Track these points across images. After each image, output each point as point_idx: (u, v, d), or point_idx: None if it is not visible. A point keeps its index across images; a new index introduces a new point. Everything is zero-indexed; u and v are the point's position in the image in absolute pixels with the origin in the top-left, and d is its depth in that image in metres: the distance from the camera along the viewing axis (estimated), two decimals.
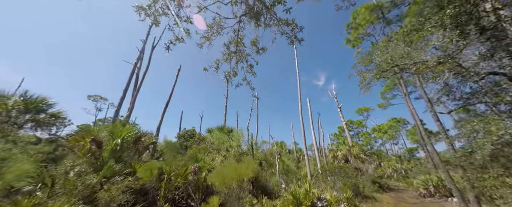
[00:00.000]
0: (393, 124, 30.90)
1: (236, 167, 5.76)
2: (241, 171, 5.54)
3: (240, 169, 5.60)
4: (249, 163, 6.05)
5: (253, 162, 6.13)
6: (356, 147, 17.22)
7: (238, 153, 7.71)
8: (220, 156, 7.50)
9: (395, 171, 22.19)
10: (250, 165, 5.89)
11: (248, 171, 5.73)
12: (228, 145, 7.86)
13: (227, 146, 7.82)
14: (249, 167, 5.94)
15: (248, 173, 5.61)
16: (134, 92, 12.38)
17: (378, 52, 6.07)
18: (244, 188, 5.51)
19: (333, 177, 10.35)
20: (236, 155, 7.52)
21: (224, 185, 5.35)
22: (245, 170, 5.72)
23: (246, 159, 6.29)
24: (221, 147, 7.86)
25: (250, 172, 5.65)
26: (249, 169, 5.89)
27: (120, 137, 6.93)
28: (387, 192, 14.48)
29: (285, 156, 14.98)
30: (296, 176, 10.29)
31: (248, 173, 5.62)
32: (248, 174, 5.56)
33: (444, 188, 10.50)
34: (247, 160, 6.16)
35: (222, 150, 7.67)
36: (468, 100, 5.19)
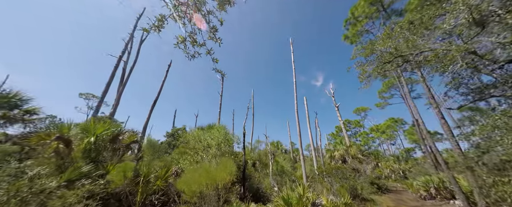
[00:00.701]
0: (391, 124, 30.59)
1: (208, 171, 4.86)
2: (214, 175, 4.72)
3: (213, 173, 4.79)
4: (226, 166, 5.14)
5: (231, 164, 5.23)
6: (353, 147, 16.71)
7: (219, 153, 6.96)
8: (198, 157, 6.77)
9: (393, 171, 21.77)
10: (227, 168, 5.05)
11: (224, 175, 4.82)
12: (205, 144, 7.13)
13: (205, 145, 7.10)
14: (226, 170, 4.96)
15: (224, 178, 4.83)
16: (120, 87, 11.60)
17: (380, 41, 5.45)
18: (220, 195, 4.75)
19: (330, 178, 9.76)
20: (216, 155, 6.80)
21: (193, 192, 4.60)
22: (220, 174, 4.77)
23: (223, 161, 5.43)
24: (197, 146, 7.12)
25: (226, 176, 4.87)
26: (226, 172, 4.92)
27: (93, 135, 6.20)
28: (385, 193, 13.98)
29: (280, 156, 14.36)
30: (291, 178, 9.67)
31: (224, 177, 4.84)
32: (224, 178, 4.80)
33: (445, 190, 10.01)
34: (223, 161, 5.31)
35: (199, 150, 6.95)
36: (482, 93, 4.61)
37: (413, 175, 13.37)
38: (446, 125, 6.67)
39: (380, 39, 5.41)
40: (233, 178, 5.18)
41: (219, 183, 4.71)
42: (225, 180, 4.65)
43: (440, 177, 10.46)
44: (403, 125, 31.70)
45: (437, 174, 11.08)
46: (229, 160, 5.55)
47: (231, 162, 5.34)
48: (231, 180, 5.13)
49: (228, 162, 5.10)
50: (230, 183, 5.03)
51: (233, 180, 8.88)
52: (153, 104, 12.12)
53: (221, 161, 5.59)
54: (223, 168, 4.76)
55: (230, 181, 5.17)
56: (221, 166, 4.96)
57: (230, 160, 5.55)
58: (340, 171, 10.23)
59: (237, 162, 8.92)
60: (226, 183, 4.71)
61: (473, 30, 3.88)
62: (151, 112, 11.91)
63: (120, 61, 10.97)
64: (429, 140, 8.41)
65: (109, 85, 9.85)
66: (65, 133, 6.30)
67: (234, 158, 8.92)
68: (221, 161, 5.54)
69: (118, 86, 11.70)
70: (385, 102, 27.26)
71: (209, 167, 4.78)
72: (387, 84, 26.40)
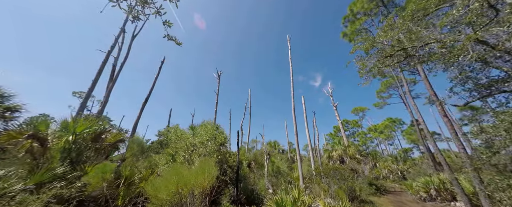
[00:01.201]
0: (389, 124, 30.43)
1: (180, 174, 4.07)
2: (188, 179, 3.98)
3: (187, 177, 3.98)
4: (204, 168, 4.35)
5: (212, 165, 4.69)
6: (352, 147, 16.39)
7: (206, 153, 6.44)
8: (180, 157, 6.28)
9: (391, 172, 21.52)
10: (206, 171, 4.29)
11: (201, 179, 4.06)
12: (188, 143, 6.63)
13: (188, 144, 6.61)
14: (204, 174, 4.19)
15: (202, 182, 4.09)
16: (109, 83, 11.09)
17: (381, 33, 5.08)
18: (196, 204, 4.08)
19: (328, 179, 9.39)
20: (201, 155, 6.32)
21: (161, 201, 3.92)
22: (197, 178, 3.99)
23: (202, 162, 4.87)
24: (179, 145, 6.62)
25: (205, 181, 4.15)
26: (204, 176, 4.16)
27: (72, 133, 5.73)
28: (384, 194, 13.67)
29: (277, 156, 13.97)
30: (287, 179, 9.28)
31: (202, 182, 4.09)
32: (202, 183, 4.08)
33: (446, 191, 9.71)
34: (202, 163, 4.63)
35: (180, 149, 6.45)
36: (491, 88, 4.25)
37: (412, 175, 13.08)
38: (449, 123, 6.34)
39: (381, 31, 5.04)
40: (214, 183, 4.57)
41: (194, 189, 4.06)
42: (203, 185, 4.09)
43: (440, 178, 10.17)
44: (401, 125, 31.58)
45: (437, 174, 10.80)
46: (210, 160, 5.05)
47: (213, 163, 4.84)
48: (212, 184, 4.60)
49: (207, 164, 4.56)
50: (210, 189, 4.49)
51: (226, 181, 8.47)
52: (144, 102, 11.63)
53: (200, 162, 5.05)
54: (200, 171, 4.19)
55: (212, 185, 4.66)
56: (199, 168, 4.40)
57: (212, 161, 5.06)
58: (338, 172, 9.87)
59: (230, 163, 8.50)
60: (204, 188, 4.11)
61: (486, 17, 3.52)
62: (142, 110, 11.42)
63: (109, 57, 10.46)
64: (430, 139, 8.09)
65: (95, 81, 9.34)
66: (42, 130, 5.82)
67: (227, 159, 8.49)
68: (200, 162, 5.01)
69: (107, 83, 11.18)
70: (384, 102, 27.07)
71: (181, 169, 4.18)
72: (386, 84, 26.21)
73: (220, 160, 8.26)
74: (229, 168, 8.31)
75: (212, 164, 4.60)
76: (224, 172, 8.15)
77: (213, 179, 4.41)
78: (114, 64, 11.78)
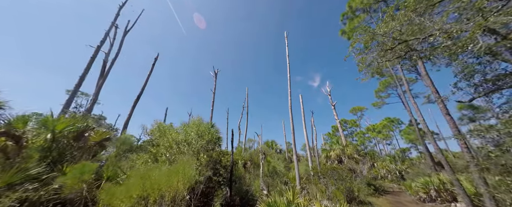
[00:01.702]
0: (387, 123, 30.30)
1: (146, 176, 3.45)
2: (157, 183, 3.34)
3: (156, 179, 3.35)
4: (178, 170, 3.70)
5: (188, 166, 4.14)
6: (350, 147, 16.14)
7: (191, 152, 6.05)
8: (162, 156, 5.89)
9: (389, 172, 21.30)
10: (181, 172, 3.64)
11: (173, 181, 3.42)
12: (171, 140, 6.24)
13: (170, 141, 6.21)
14: (178, 176, 3.54)
15: (175, 186, 3.43)
16: (100, 80, 10.67)
17: (382, 24, 4.76)
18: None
19: (326, 179, 9.08)
20: (185, 153, 5.93)
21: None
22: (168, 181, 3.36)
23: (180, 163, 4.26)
24: (161, 143, 6.22)
25: (180, 184, 3.49)
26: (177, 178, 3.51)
27: (51, 130, 5.34)
28: (383, 195, 13.43)
29: (274, 156, 13.65)
30: (283, 179, 8.96)
31: (175, 186, 3.44)
32: (175, 187, 3.40)
33: (446, 192, 9.47)
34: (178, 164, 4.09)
35: (162, 148, 6.05)
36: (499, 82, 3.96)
37: (411, 175, 12.84)
38: (452, 121, 6.06)
39: (382, 22, 4.73)
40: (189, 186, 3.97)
41: (166, 194, 3.43)
42: (177, 189, 3.56)
43: (440, 179, 9.93)
44: (399, 125, 31.47)
45: (437, 175, 10.56)
46: (190, 160, 4.66)
47: (190, 163, 4.41)
48: (191, 187, 4.16)
49: (184, 163, 4.08)
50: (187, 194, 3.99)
51: (220, 181, 8.11)
52: (136, 100, 11.24)
53: (180, 161, 4.60)
54: (173, 172, 3.70)
55: (190, 188, 4.23)
56: (172, 169, 3.92)
57: (192, 161, 4.68)
58: (336, 172, 9.57)
59: (224, 163, 8.15)
60: (179, 193, 3.57)
61: (497, 3, 3.21)
62: (133, 108, 11.02)
63: (99, 52, 10.05)
64: (431, 138, 7.82)
65: (83, 77, 8.93)
66: (18, 128, 5.42)
67: (220, 158, 8.14)
68: (180, 162, 4.55)
69: (97, 79, 10.77)
70: (382, 102, 26.90)
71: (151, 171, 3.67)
72: (384, 83, 26.04)
73: (213, 160, 7.91)
74: (223, 168, 7.96)
75: (188, 165, 4.15)
76: (217, 173, 7.80)
77: (191, 181, 3.96)
78: (105, 60, 11.37)
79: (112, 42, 11.96)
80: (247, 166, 11.23)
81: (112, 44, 11.94)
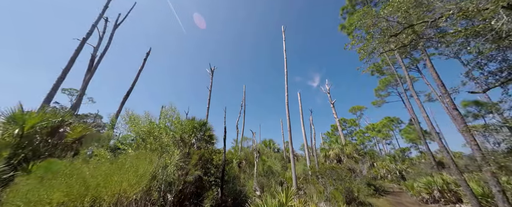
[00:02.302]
0: (387, 123, 29.92)
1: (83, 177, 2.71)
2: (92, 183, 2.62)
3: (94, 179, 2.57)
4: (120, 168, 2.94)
5: (144, 163, 3.42)
6: (349, 146, 15.68)
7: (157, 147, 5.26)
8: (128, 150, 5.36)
9: (389, 171, 20.88)
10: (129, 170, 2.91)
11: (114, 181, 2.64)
12: (140, 132, 5.64)
13: (140, 133, 5.64)
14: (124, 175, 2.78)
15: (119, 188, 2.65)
16: (87, 75, 10.13)
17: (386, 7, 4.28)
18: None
19: (324, 179, 8.61)
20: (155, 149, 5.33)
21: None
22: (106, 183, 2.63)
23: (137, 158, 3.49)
24: (127, 137, 5.70)
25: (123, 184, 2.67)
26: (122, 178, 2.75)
27: (20, 126, 4.83)
28: (383, 195, 12.98)
29: (271, 155, 13.17)
30: (278, 179, 8.48)
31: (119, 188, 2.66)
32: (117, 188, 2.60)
33: (450, 192, 9.03)
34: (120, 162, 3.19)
35: (125, 142, 5.55)
36: None
37: (413, 175, 12.40)
38: (459, 117, 5.60)
39: (386, 4, 4.25)
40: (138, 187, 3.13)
41: (105, 196, 2.68)
42: (123, 191, 2.78)
43: (444, 178, 9.50)
44: (399, 124, 31.10)
45: (440, 174, 10.13)
46: (148, 155, 4.05)
47: (146, 160, 3.75)
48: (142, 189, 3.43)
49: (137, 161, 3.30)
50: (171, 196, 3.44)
51: (211, 181, 7.61)
52: (126, 96, 10.71)
53: (132, 157, 3.94)
54: (116, 170, 2.96)
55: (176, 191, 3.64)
56: (115, 166, 3.18)
57: (151, 157, 4.09)
58: (335, 172, 9.10)
59: (216, 161, 7.65)
60: (127, 197, 2.70)
61: None
62: (122, 104, 10.50)
63: (84, 44, 9.51)
64: (435, 135, 7.37)
65: (66, 70, 8.38)
66: None
67: (212, 157, 7.64)
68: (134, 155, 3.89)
69: (85, 74, 10.22)
70: (382, 100, 26.50)
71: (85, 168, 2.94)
72: (384, 81, 25.63)
73: (205, 159, 7.41)
74: (214, 167, 7.47)
75: (144, 162, 3.49)
76: (208, 172, 7.30)
77: (143, 182, 3.30)
78: (93, 55, 10.83)
79: (102, 36, 11.43)
80: (242, 165, 10.74)
81: (101, 37, 11.40)
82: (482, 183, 7.75)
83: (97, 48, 11.07)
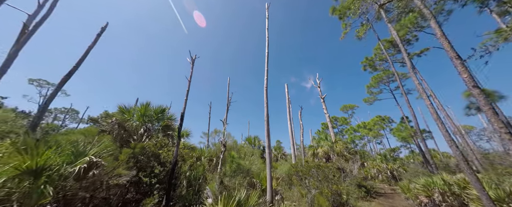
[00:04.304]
0: (378, 121, 29.15)
1: None
2: None
3: None
4: None
5: None
6: (339, 143, 14.29)
7: None
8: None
9: (380, 171, 19.85)
10: None
11: None
12: None
13: None
14: None
15: None
16: (13, 48, 7.92)
17: None
18: None
19: (307, 181, 6.98)
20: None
21: None
22: None
23: None
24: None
25: None
26: None
27: None
28: (375, 198, 11.63)
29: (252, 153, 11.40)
30: (251, 181, 6.76)
31: None
32: None
33: (453, 196, 7.71)
34: None
35: None
36: None
37: (408, 175, 11.10)
38: (482, 96, 4.13)
39: None
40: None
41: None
42: None
43: (445, 179, 8.22)
44: (390, 123, 30.45)
45: (441, 175, 8.86)
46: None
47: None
48: None
49: None
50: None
51: (153, 184, 5.77)
52: (66, 76, 8.55)
53: None
54: None
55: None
56: None
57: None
58: (321, 171, 7.52)
59: (164, 158, 5.79)
60: None
61: None
62: (61, 86, 8.35)
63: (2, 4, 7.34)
64: (441, 126, 5.94)
65: None
66: None
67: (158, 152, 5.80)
68: None
69: (11, 47, 8.00)
70: (374, 97, 25.57)
71: None
72: (377, 78, 24.66)
73: (147, 154, 5.53)
74: (161, 165, 5.60)
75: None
76: (152, 172, 5.43)
77: None
78: (26, 23, 8.60)
79: (42, 3, 9.22)
80: (212, 164, 8.91)
81: (41, 4, 9.19)
82: (493, 185, 6.47)
83: (33, 16, 8.85)
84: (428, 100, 6.33)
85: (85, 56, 9.38)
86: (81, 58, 9.19)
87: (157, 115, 7.52)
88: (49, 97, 7.86)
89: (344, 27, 16.49)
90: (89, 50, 9.54)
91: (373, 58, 21.91)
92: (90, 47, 9.62)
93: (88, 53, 9.48)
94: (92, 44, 9.74)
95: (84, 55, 9.32)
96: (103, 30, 10.34)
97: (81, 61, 9.15)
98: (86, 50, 9.44)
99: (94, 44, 9.84)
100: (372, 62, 22.23)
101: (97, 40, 10.00)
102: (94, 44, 9.85)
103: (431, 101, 6.43)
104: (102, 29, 10.28)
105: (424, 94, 6.52)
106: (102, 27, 10.32)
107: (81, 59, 9.16)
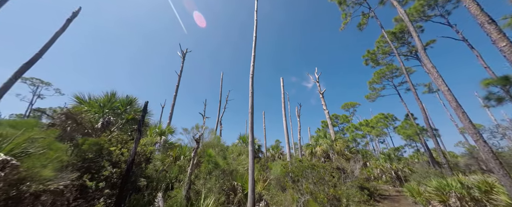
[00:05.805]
0: (381, 118, 27.83)
1: None
2: None
3: None
4: None
5: None
6: (340, 141, 13.12)
7: None
8: None
9: (383, 172, 18.61)
10: None
11: None
12: None
13: None
14: None
15: None
16: None
17: None
18: None
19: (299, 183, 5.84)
20: None
21: None
22: None
23: None
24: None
25: None
26: None
27: None
28: (379, 201, 10.44)
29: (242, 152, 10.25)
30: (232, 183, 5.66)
31: None
32: None
33: (472, 201, 6.52)
34: None
35: None
36: None
37: (417, 176, 9.87)
38: None
39: None
40: None
41: None
42: None
43: (462, 182, 7.05)
44: (393, 121, 29.10)
45: (456, 176, 7.70)
46: None
47: None
48: None
49: None
50: None
51: (103, 189, 4.69)
52: (27, 64, 7.52)
53: None
54: None
55: None
56: None
57: None
58: (316, 172, 6.38)
59: (116, 157, 4.70)
60: None
61: None
62: (18, 76, 7.31)
63: None
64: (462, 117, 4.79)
65: None
66: None
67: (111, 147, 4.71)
68: None
69: None
70: (376, 93, 24.31)
71: None
72: (379, 73, 23.39)
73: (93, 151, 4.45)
74: (113, 166, 4.51)
75: None
76: (98, 174, 4.34)
77: None
78: None
79: None
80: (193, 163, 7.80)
81: None
82: None
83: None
84: (445, 86, 5.17)
85: (51, 43, 8.34)
86: (46, 44, 8.16)
87: (125, 107, 6.45)
88: (2, 88, 6.83)
89: (344, 17, 15.31)
90: (56, 37, 8.51)
91: (375, 51, 20.67)
92: (58, 33, 8.58)
93: (54, 39, 8.44)
94: (61, 30, 8.71)
95: (49, 42, 8.28)
96: (75, 16, 9.30)
97: (46, 48, 8.12)
98: (52, 36, 8.41)
99: (62, 30, 8.81)
100: (374, 55, 20.99)
101: (67, 26, 8.96)
102: (63, 30, 8.82)
103: (448, 88, 5.27)
104: (73, 14, 9.24)
105: (440, 79, 5.35)
106: (73, 12, 9.29)
107: (46, 46, 8.12)
